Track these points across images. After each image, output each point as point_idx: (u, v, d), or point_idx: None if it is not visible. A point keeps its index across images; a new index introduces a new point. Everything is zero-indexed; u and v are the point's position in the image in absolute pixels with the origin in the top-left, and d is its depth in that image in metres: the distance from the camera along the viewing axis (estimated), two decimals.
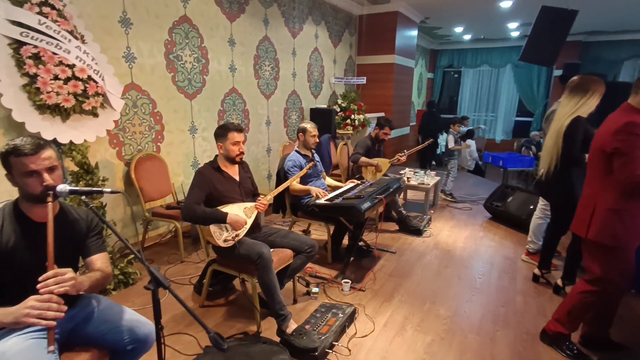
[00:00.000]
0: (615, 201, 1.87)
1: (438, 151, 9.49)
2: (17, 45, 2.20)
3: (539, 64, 6.55)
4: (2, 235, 1.28)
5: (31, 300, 1.15)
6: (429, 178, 4.76)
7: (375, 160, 4.01)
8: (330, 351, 2.09)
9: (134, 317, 1.50)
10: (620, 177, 1.81)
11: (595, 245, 1.96)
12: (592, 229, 1.95)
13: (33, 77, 2.23)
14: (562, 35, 4.70)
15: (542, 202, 3.18)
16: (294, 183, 2.94)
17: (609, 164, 1.88)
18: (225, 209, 2.22)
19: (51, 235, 1.22)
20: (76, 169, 2.61)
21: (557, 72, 9.24)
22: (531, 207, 3.99)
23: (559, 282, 2.80)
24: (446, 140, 5.43)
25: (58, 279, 1.19)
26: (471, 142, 8.09)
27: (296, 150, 3.25)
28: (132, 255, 2.83)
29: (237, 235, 2.22)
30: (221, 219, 2.17)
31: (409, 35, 7.24)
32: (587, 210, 1.99)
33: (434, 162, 8.68)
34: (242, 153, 2.36)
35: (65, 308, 1.19)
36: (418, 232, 4.00)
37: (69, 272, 1.23)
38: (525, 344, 2.24)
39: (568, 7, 4.60)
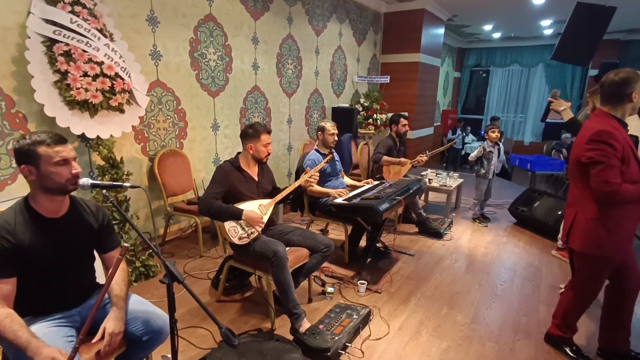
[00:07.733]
0: (595, 211, 1.84)
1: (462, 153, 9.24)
2: (50, 43, 2.30)
3: (573, 64, 6.24)
4: (17, 232, 1.31)
5: (57, 353, 1.20)
6: (451, 180, 4.65)
7: (397, 159, 3.97)
8: (343, 352, 2.07)
9: (150, 309, 1.54)
10: (595, 188, 1.78)
11: (577, 253, 1.98)
12: (575, 239, 1.95)
13: (64, 74, 2.32)
14: (598, 33, 4.47)
15: None
16: (313, 185, 2.95)
17: (586, 174, 1.84)
18: (241, 205, 2.25)
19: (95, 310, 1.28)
20: (102, 163, 2.70)
21: (593, 72, 8.78)
22: (559, 212, 3.82)
23: None
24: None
25: (112, 343, 1.37)
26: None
27: (316, 149, 3.24)
28: None
29: (252, 233, 2.24)
30: (237, 215, 2.20)
31: (436, 33, 7.08)
32: (568, 218, 2.00)
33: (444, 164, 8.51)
34: (269, 154, 2.43)
35: None
36: (438, 235, 3.91)
37: (115, 336, 1.39)
38: (548, 356, 2.14)
39: (605, 4, 4.37)
